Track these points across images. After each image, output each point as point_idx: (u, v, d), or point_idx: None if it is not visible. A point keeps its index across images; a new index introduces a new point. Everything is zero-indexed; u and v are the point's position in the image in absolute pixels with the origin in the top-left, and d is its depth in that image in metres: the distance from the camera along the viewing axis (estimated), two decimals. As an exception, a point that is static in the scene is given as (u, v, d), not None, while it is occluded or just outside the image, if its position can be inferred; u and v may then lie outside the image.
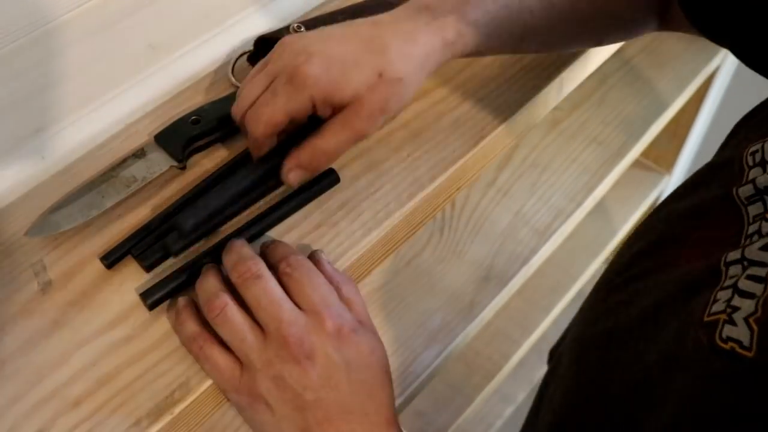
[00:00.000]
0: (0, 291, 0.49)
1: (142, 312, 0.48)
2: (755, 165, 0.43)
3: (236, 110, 0.50)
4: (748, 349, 0.36)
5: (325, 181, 0.54)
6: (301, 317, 0.42)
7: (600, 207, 1.10)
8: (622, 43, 0.68)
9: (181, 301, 0.46)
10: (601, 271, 0.56)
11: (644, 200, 1.31)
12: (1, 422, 0.43)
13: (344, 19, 0.60)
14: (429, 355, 0.86)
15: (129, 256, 0.50)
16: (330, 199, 0.53)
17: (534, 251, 0.96)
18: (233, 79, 0.61)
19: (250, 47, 0.61)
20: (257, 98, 0.48)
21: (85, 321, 0.47)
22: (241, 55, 0.62)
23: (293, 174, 0.50)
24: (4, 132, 0.52)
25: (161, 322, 0.47)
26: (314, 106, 0.47)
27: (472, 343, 1.08)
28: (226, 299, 0.43)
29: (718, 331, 0.37)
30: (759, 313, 0.36)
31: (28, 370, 0.45)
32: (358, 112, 0.47)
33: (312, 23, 0.60)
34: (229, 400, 0.45)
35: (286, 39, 0.48)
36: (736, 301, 0.38)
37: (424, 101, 0.60)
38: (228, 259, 0.46)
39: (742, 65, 0.50)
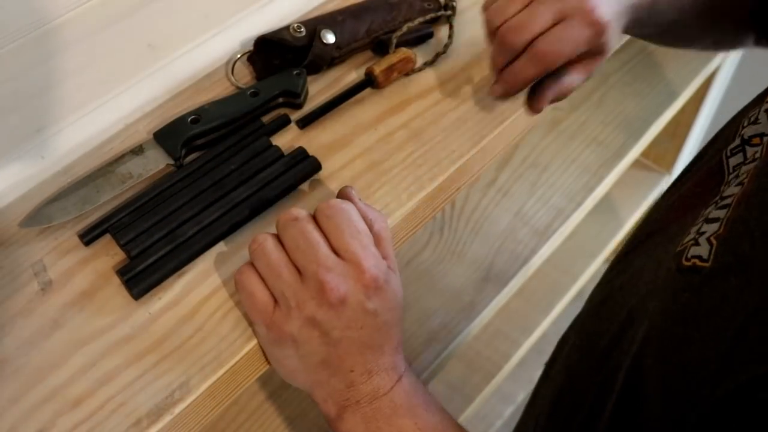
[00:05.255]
0: (0, 291, 0.49)
1: (142, 312, 0.48)
2: (748, 125, 0.47)
3: (518, 34, 0.51)
4: (706, 261, 0.39)
5: (305, 169, 0.54)
6: (339, 264, 0.43)
7: (600, 207, 1.10)
8: (626, 39, 0.69)
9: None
10: (601, 271, 0.58)
11: (644, 200, 1.31)
12: (1, 422, 0.43)
13: (344, 20, 0.61)
14: (429, 355, 0.86)
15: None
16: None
17: (534, 251, 0.96)
18: (233, 79, 0.61)
19: (250, 47, 0.61)
20: (544, 30, 0.51)
21: (85, 321, 0.47)
22: (241, 56, 0.62)
23: (546, 101, 0.56)
24: (4, 132, 0.52)
25: (161, 322, 0.47)
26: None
27: (472, 343, 1.08)
28: (267, 236, 0.45)
29: (684, 255, 0.41)
30: (720, 230, 0.40)
31: (28, 370, 0.45)
32: (599, 56, 0.54)
33: (312, 23, 0.60)
34: (254, 332, 0.47)
35: None
36: (704, 227, 0.42)
37: (424, 101, 0.60)
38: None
39: (742, 65, 0.52)
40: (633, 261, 0.51)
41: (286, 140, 0.57)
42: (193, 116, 0.55)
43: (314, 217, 0.46)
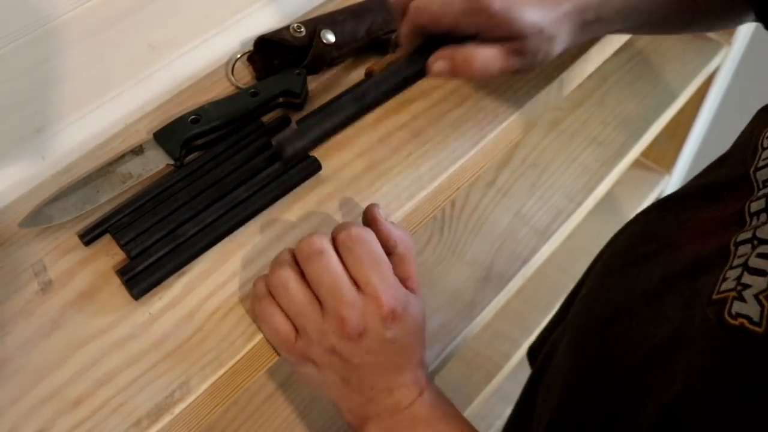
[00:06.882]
0: (0, 291, 0.49)
1: (142, 312, 0.48)
2: None
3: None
4: (758, 324, 0.36)
5: (305, 170, 0.54)
6: (359, 300, 0.44)
7: (600, 207, 1.10)
8: (626, 40, 0.68)
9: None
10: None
11: (644, 200, 1.31)
12: (1, 422, 0.43)
13: (344, 20, 0.61)
14: (429, 355, 0.85)
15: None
16: (330, 200, 0.53)
17: (534, 251, 0.96)
18: (233, 79, 0.61)
19: (250, 47, 0.61)
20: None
21: (85, 321, 0.47)
22: (241, 56, 0.62)
23: (439, 64, 0.51)
24: (4, 132, 0.52)
25: (161, 322, 0.47)
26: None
27: (472, 343, 1.08)
28: (289, 272, 0.45)
29: (727, 308, 0.38)
30: None
31: (28, 370, 0.45)
32: (520, 49, 0.50)
33: (312, 23, 0.60)
34: (278, 354, 0.49)
35: None
36: (747, 279, 0.39)
37: (424, 101, 0.60)
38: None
39: (742, 65, 0.51)
40: (638, 277, 0.49)
41: (286, 140, 0.57)
42: (193, 116, 0.55)
43: (333, 243, 0.46)
